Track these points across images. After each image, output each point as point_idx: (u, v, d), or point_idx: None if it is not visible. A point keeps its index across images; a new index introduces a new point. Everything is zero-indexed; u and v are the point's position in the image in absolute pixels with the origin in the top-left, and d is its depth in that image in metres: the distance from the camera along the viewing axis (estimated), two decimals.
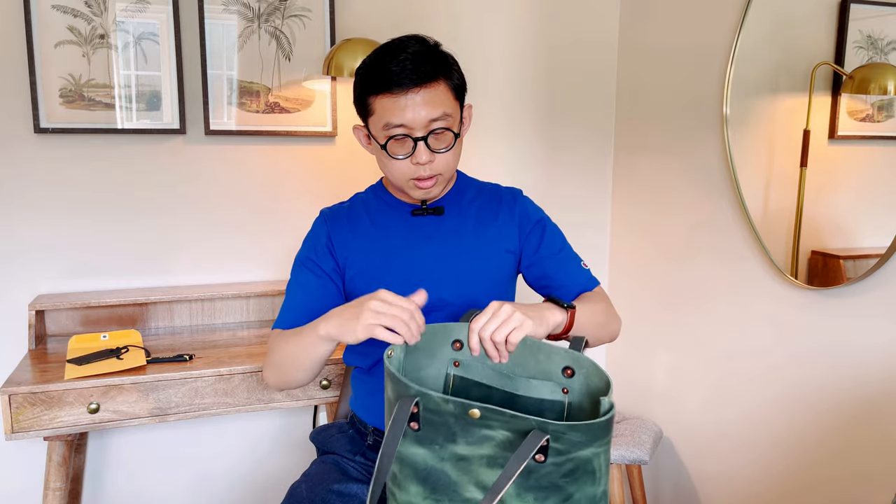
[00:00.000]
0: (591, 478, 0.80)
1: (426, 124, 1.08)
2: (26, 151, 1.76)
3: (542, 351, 0.93)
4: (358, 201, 1.27)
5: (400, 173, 1.12)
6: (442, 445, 0.83)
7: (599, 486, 0.82)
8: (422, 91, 1.06)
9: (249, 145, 1.93)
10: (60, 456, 1.51)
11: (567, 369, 0.92)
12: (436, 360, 0.99)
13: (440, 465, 0.84)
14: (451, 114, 1.10)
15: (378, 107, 1.09)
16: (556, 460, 0.78)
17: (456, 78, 1.13)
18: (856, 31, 1.41)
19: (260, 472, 2.06)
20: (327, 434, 1.28)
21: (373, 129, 1.12)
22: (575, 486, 0.80)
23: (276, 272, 2.00)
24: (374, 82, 1.08)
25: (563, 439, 0.77)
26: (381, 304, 0.94)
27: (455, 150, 1.13)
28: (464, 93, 1.16)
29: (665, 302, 2.05)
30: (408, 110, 1.06)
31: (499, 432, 0.79)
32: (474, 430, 0.81)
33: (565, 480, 0.79)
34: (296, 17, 1.90)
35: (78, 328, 1.77)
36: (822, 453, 1.57)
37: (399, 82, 1.06)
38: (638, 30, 2.13)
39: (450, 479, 0.84)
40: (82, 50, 1.74)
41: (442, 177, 1.14)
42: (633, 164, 2.18)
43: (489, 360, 0.97)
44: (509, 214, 1.24)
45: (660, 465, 2.12)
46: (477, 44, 2.09)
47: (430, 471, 0.85)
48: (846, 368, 1.50)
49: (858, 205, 1.43)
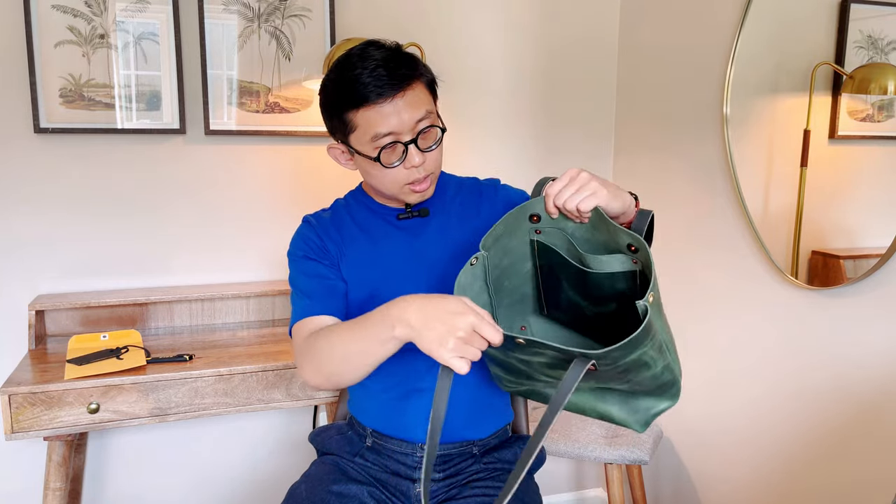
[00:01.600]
0: (646, 367, 0.88)
1: (413, 126, 1.06)
2: (26, 151, 1.76)
3: (609, 226, 0.95)
4: (340, 208, 1.25)
5: (393, 181, 1.11)
6: (504, 351, 0.96)
7: (657, 367, 0.89)
8: (404, 95, 1.05)
9: (249, 145, 1.93)
10: (60, 456, 1.51)
11: (631, 245, 0.95)
12: (517, 235, 1.04)
13: (509, 359, 0.98)
14: (431, 111, 1.10)
15: (361, 120, 1.06)
16: (606, 368, 0.86)
17: (427, 74, 1.12)
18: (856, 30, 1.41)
19: (260, 473, 2.06)
20: (326, 435, 1.28)
21: (357, 145, 1.09)
22: (633, 374, 0.89)
23: (276, 272, 2.00)
24: (351, 97, 1.05)
25: (607, 357, 0.83)
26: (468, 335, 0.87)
27: (441, 145, 1.13)
28: (436, 87, 1.15)
29: (665, 302, 2.05)
30: (393, 117, 1.05)
31: (547, 353, 0.89)
32: (526, 350, 0.91)
33: (623, 375, 0.89)
34: (296, 17, 1.90)
35: (78, 328, 1.77)
36: (822, 453, 1.56)
37: (380, 92, 1.03)
38: (638, 30, 2.13)
39: (519, 369, 0.99)
40: (82, 50, 1.74)
41: (434, 175, 1.14)
42: (633, 163, 2.18)
43: (568, 228, 1.01)
44: (491, 205, 1.23)
45: (660, 465, 2.12)
46: (477, 43, 2.09)
47: (502, 361, 1.00)
48: (846, 368, 1.50)
49: (859, 205, 1.43)
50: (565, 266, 1.04)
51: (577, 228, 1.01)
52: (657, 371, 0.90)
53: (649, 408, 0.98)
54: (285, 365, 1.58)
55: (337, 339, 1.01)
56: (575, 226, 1.01)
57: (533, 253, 1.07)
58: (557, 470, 2.34)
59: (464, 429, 1.20)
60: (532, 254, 1.07)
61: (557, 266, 1.06)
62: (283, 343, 1.72)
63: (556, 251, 1.04)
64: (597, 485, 2.40)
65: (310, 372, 1.05)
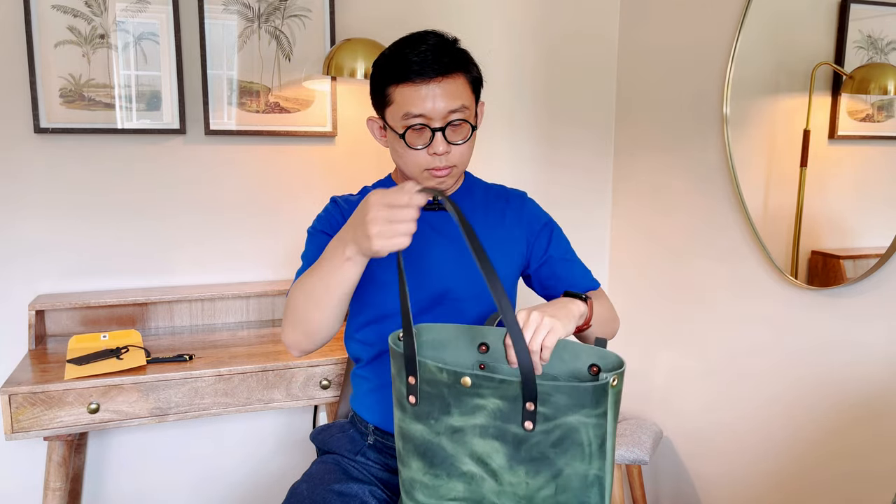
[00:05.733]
0: (580, 451, 0.81)
1: (445, 115, 1.09)
2: (26, 151, 1.76)
3: (567, 350, 0.93)
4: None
5: (415, 164, 1.13)
6: (437, 419, 0.86)
7: (592, 466, 0.82)
8: (442, 82, 1.08)
9: (249, 145, 1.93)
10: (60, 456, 1.51)
11: (593, 366, 0.92)
12: (460, 360, 0.98)
13: (436, 439, 0.87)
14: (468, 106, 1.12)
15: (398, 96, 1.10)
16: (544, 427, 0.81)
17: (474, 72, 1.15)
18: (856, 30, 1.41)
19: (260, 473, 2.06)
20: (327, 434, 1.28)
21: (390, 120, 1.13)
22: (564, 459, 0.82)
23: (276, 272, 2.00)
24: (394, 72, 1.09)
25: (549, 402, 0.79)
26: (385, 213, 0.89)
27: (470, 143, 1.14)
28: (480, 88, 1.17)
29: (665, 302, 2.05)
30: (427, 100, 1.08)
31: (490, 401, 0.83)
32: (467, 399, 0.84)
33: (554, 451, 0.82)
34: (296, 17, 1.90)
35: (78, 328, 1.77)
36: (822, 453, 1.57)
37: (420, 72, 1.07)
38: (638, 29, 2.13)
39: (446, 452, 0.87)
40: (82, 50, 1.74)
41: (457, 169, 1.15)
42: (633, 163, 2.18)
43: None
44: (517, 216, 1.26)
45: (660, 465, 2.12)
46: (477, 43, 2.09)
47: (428, 445, 0.88)
48: (846, 368, 1.50)
49: (858, 205, 1.43)
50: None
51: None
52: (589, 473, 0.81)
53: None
54: (285, 365, 1.58)
55: (302, 287, 1.03)
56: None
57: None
58: None
59: None
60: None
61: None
62: (283, 343, 1.72)
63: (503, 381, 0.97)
64: None
65: (289, 332, 1.06)
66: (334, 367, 1.62)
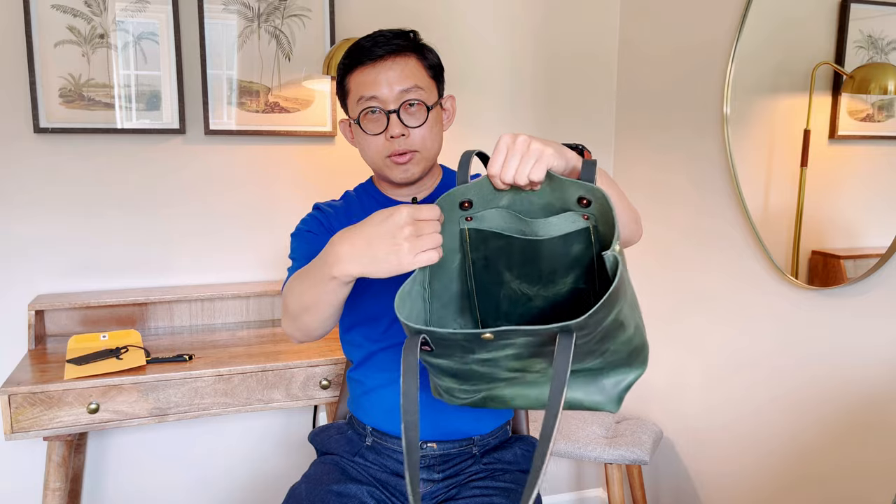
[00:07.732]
0: (622, 329, 0.80)
1: (397, 95, 1.09)
2: (26, 151, 1.76)
3: (553, 181, 0.86)
4: (351, 199, 1.26)
5: (375, 151, 1.12)
6: (462, 357, 0.82)
7: (630, 328, 0.82)
8: (392, 61, 1.09)
9: (249, 145, 1.93)
10: (60, 456, 1.51)
11: (582, 199, 0.86)
12: (445, 229, 0.93)
13: (465, 366, 0.84)
14: (423, 87, 1.11)
15: (353, 84, 1.12)
16: (585, 340, 0.77)
17: (430, 57, 1.15)
18: (856, 30, 1.41)
19: (260, 473, 2.06)
20: (326, 435, 1.28)
21: (351, 112, 1.15)
22: (611, 341, 0.81)
23: (275, 272, 2.00)
24: (349, 61, 1.12)
25: (587, 325, 0.74)
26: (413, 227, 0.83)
27: (431, 127, 1.12)
28: (440, 74, 1.17)
29: (665, 302, 2.05)
30: (380, 81, 1.09)
31: (518, 340, 0.77)
32: (491, 345, 0.78)
33: (600, 345, 0.80)
34: (295, 17, 1.90)
35: (78, 328, 1.77)
36: (823, 453, 1.56)
37: (370, 53, 1.09)
38: (638, 29, 2.13)
39: (479, 373, 0.85)
40: (82, 50, 1.74)
41: (419, 155, 1.12)
42: (633, 163, 2.18)
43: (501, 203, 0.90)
44: None
45: (660, 465, 2.12)
46: (476, 43, 2.09)
47: (458, 371, 0.85)
48: (846, 368, 1.50)
49: (859, 205, 1.43)
50: (506, 248, 0.93)
51: (515, 199, 0.89)
52: (631, 333, 0.82)
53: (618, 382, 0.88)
54: (285, 365, 1.58)
55: (295, 293, 1.01)
56: (511, 197, 0.89)
57: (463, 245, 0.95)
58: (557, 470, 2.34)
59: (464, 424, 1.20)
60: (462, 246, 0.95)
61: (496, 254, 0.94)
62: (282, 343, 1.72)
63: (493, 234, 0.92)
64: (597, 485, 2.39)
65: (287, 325, 1.06)
66: (334, 367, 1.62)
